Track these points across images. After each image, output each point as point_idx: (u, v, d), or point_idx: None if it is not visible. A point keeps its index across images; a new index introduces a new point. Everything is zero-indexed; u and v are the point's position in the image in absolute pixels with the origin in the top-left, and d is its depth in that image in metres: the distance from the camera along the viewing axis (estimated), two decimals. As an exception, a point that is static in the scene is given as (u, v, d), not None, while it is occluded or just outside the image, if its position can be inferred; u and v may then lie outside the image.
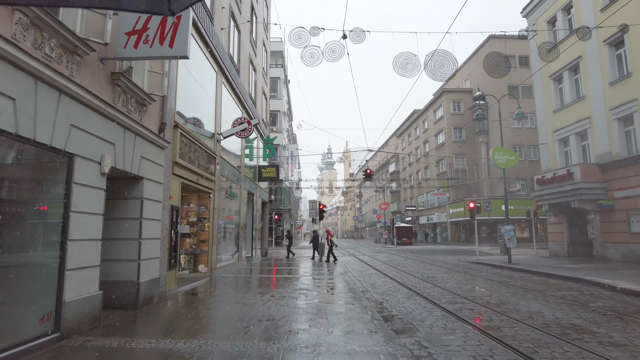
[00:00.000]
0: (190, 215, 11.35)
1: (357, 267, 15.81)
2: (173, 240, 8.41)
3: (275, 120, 37.37)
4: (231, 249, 14.46)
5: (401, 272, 13.33)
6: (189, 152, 9.31)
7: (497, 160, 16.42)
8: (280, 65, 39.48)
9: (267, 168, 19.36)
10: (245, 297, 8.04)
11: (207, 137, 11.39)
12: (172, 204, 8.32)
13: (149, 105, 7.14)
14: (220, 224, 13.07)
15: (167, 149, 8.02)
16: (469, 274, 12.90)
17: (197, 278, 10.49)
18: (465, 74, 45.86)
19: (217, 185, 11.68)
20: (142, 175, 6.88)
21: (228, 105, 13.34)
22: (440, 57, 11.93)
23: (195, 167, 9.73)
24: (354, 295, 8.25)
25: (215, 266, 11.52)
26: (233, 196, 13.87)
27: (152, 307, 6.82)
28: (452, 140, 42.29)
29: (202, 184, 10.29)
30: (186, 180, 9.22)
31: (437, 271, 13.69)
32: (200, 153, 10.13)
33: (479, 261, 17.42)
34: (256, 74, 19.38)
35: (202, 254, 11.23)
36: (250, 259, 17.56)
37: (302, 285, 9.85)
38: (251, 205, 18.13)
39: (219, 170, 12.01)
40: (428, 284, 10.28)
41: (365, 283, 10.67)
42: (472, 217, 19.30)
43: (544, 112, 21.09)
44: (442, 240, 44.82)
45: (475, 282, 10.87)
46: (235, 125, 12.00)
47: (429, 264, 16.84)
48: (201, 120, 11.27)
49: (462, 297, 8.29)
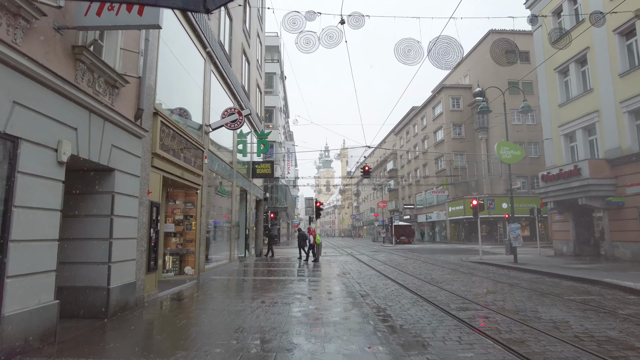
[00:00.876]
0: (177, 213, 10.52)
1: (355, 267, 15.02)
2: (153, 240, 7.58)
3: (270, 116, 36.50)
4: (222, 249, 13.64)
5: (402, 274, 12.55)
6: (172, 144, 8.47)
7: (502, 155, 15.67)
8: (276, 60, 38.60)
9: (261, 164, 18.52)
10: (233, 303, 7.23)
11: (194, 129, 10.56)
12: (151, 200, 7.49)
13: (122, 88, 6.30)
14: (210, 223, 12.25)
15: (145, 139, 7.19)
16: (475, 275, 12.15)
17: (182, 281, 9.67)
18: (464, 69, 45.13)
19: (205, 181, 10.84)
20: (113, 167, 6.05)
21: (218, 96, 12.50)
22: (445, 43, 11.18)
23: (180, 160, 8.90)
24: (354, 300, 7.46)
25: (203, 268, 10.70)
26: (224, 193, 13.04)
27: (125, 317, 5.99)
28: (451, 137, 41.56)
29: (187, 179, 9.46)
30: (169, 174, 8.38)
31: (441, 272, 12.92)
32: (185, 145, 9.30)
33: (483, 261, 16.68)
34: (250, 66, 18.53)
35: (188, 255, 10.40)
36: (243, 259, 16.74)
37: (297, 289, 9.05)
38: (244, 203, 17.30)
39: (208, 165, 11.18)
40: (433, 287, 9.51)
41: (365, 286, 9.88)
42: (475, 214, 18.56)
43: (549, 106, 20.36)
44: (441, 239, 44.14)
45: (484, 284, 10.11)
46: (224, 116, 11.16)
47: (431, 264, 16.08)
48: (188, 111, 10.44)
49: (473, 302, 7.52)
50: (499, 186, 38.08)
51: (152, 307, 6.83)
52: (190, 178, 9.67)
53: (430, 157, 45.52)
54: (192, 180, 9.78)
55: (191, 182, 9.80)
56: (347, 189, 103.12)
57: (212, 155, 11.77)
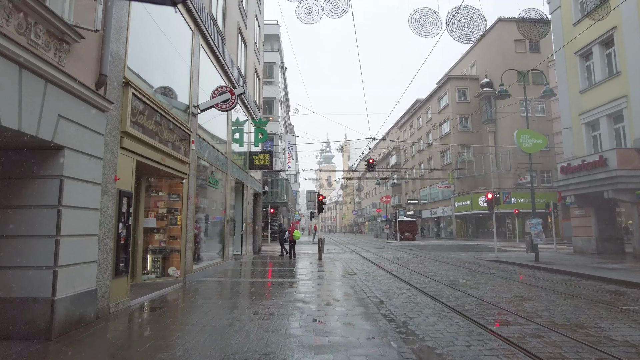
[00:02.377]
0: (160, 206, 9.19)
1: (362, 267, 13.71)
2: (123, 237, 6.25)
3: (270, 107, 35.14)
4: (214, 247, 12.33)
5: (416, 274, 11.23)
6: (149, 123, 7.13)
7: (523, 144, 14.28)
8: (277, 49, 37.16)
9: (259, 155, 17.17)
10: (219, 314, 5.91)
11: (179, 110, 9.21)
12: (120, 189, 6.16)
13: (74, 45, 4.95)
14: (200, 217, 10.93)
15: (110, 113, 5.84)
16: (497, 275, 10.82)
17: (165, 284, 8.36)
18: (471, 60, 43.60)
19: (192, 169, 9.50)
20: (62, 144, 4.71)
21: (209, 75, 11.12)
22: (465, 14, 9.73)
23: (159, 143, 7.55)
24: (366, 310, 6.14)
25: (190, 268, 9.38)
26: (216, 184, 11.70)
27: (78, 335, 4.67)
28: (457, 129, 40.10)
29: (170, 165, 8.12)
30: (144, 159, 7.04)
31: (458, 272, 11.60)
32: (167, 126, 7.95)
33: (500, 259, 15.36)
34: (247, 49, 17.12)
35: (173, 254, 9.08)
36: (239, 257, 15.43)
37: (297, 294, 7.73)
38: (240, 196, 15.97)
39: (196, 152, 9.83)
40: (456, 292, 8.18)
41: (376, 290, 8.56)
42: (491, 209, 17.22)
43: (568, 93, 18.92)
44: (447, 235, 42.83)
45: (513, 288, 8.77)
46: (215, 95, 9.79)
47: (444, 262, 14.75)
48: (172, 89, 9.09)
49: (511, 312, 6.19)
50: (507, 180, 36.69)
51: (117, 321, 5.51)
52: (174, 165, 8.32)
53: (435, 151, 44.11)
54: (175, 167, 8.44)
55: (175, 170, 8.46)
56: (349, 184, 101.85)
57: (202, 141, 10.42)
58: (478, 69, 42.10)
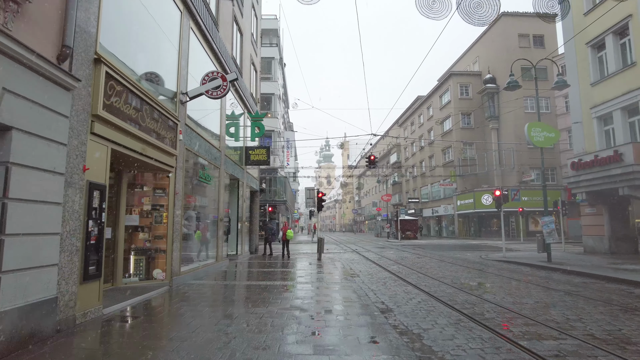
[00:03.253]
0: (145, 202, 8.38)
1: (364, 268, 12.92)
2: (94, 236, 5.44)
3: (269, 104, 34.32)
4: (206, 247, 11.53)
5: (422, 276, 10.44)
6: (127, 108, 6.31)
7: (534, 138, 13.48)
8: (275, 44, 36.33)
9: (255, 150, 16.35)
10: (203, 326, 5.11)
11: (166, 98, 8.40)
12: (90, 180, 5.35)
13: (26, 5, 4.14)
14: (190, 215, 10.13)
15: (78, 93, 5.04)
16: (511, 277, 10.03)
17: (149, 288, 7.56)
18: (473, 56, 42.82)
19: (180, 162, 8.70)
20: (8, 123, 3.90)
21: (200, 61, 10.31)
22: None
23: (140, 132, 6.74)
24: (372, 320, 5.35)
25: (177, 270, 8.58)
26: (208, 180, 10.89)
27: (24, 356, 3.87)
28: (460, 126, 39.30)
29: (153, 157, 7.31)
30: (122, 148, 6.24)
31: (467, 274, 10.82)
32: (150, 113, 7.15)
33: (508, 259, 14.58)
34: (243, 39, 16.31)
35: (158, 254, 8.28)
36: (234, 258, 14.63)
37: (294, 300, 6.94)
38: (236, 193, 15.16)
39: (184, 143, 9.03)
40: (470, 296, 7.39)
41: (381, 295, 7.77)
42: (499, 206, 16.43)
43: (579, 86, 18.12)
44: (449, 234, 42.07)
45: (532, 292, 7.98)
46: (205, 81, 8.97)
47: (450, 262, 13.97)
48: (158, 74, 8.29)
49: (540, 322, 5.39)
50: (511, 178, 35.91)
51: (81, 335, 4.70)
52: (158, 156, 7.52)
53: (437, 148, 43.32)
54: (159, 159, 7.63)
55: (159, 162, 7.65)
56: (349, 183, 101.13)
57: (191, 132, 9.61)
58: (480, 65, 41.29)
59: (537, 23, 37.71)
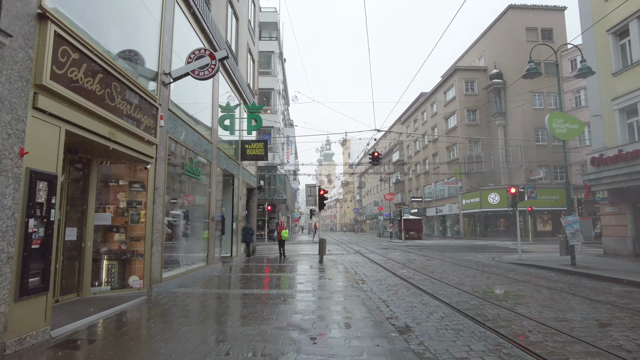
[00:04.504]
0: (120, 198, 7.24)
1: (370, 272, 11.77)
2: (38, 239, 4.30)
3: (268, 99, 33.20)
4: (195, 249, 10.39)
5: (437, 282, 9.29)
6: (89, 82, 5.17)
7: (556, 130, 12.31)
8: (275, 38, 35.21)
9: (252, 144, 15.19)
10: (174, 352, 3.97)
11: (146, 79, 7.26)
12: (32, 168, 4.21)
13: None
14: (176, 213, 9.00)
15: (10, 53, 3.90)
16: (539, 285, 8.87)
17: (122, 298, 6.42)
18: (479, 50, 41.63)
19: (161, 152, 7.55)
20: None
21: (187, 40, 9.16)
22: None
23: (108, 113, 5.60)
24: (390, 344, 4.22)
25: (158, 277, 7.43)
26: (197, 174, 9.74)
27: None
28: (465, 123, 38.13)
29: (126, 144, 6.17)
30: (81, 130, 5.09)
31: (486, 279, 9.67)
32: (121, 92, 6.00)
33: (525, 261, 13.43)
34: (239, 24, 15.15)
35: (135, 259, 7.13)
36: (228, 261, 13.49)
37: (292, 314, 5.79)
38: (230, 190, 14.01)
39: (167, 130, 7.88)
40: (501, 309, 6.24)
41: (395, 307, 6.61)
42: (514, 205, 15.26)
43: (598, 77, 16.90)
44: (453, 234, 40.90)
45: (571, 303, 6.82)
46: (191, 60, 7.82)
47: (463, 266, 12.82)
48: (137, 52, 7.15)
49: (605, 351, 4.24)
50: (518, 176, 34.73)
51: (10, 370, 3.56)
52: (132, 144, 6.37)
53: (441, 146, 42.15)
54: (135, 147, 6.49)
55: (134, 150, 6.51)
56: (350, 182, 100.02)
57: (177, 119, 8.45)
58: (486, 60, 40.11)
59: (545, 16, 36.56)
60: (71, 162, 6.22)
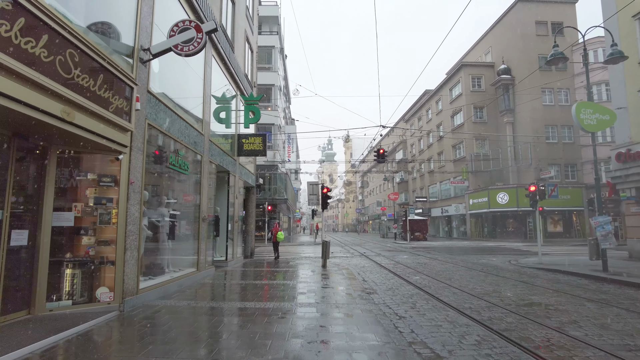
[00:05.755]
0: (89, 194, 6.09)
1: (379, 278, 10.60)
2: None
3: (268, 96, 32.08)
4: (183, 253, 9.25)
5: (458, 291, 8.12)
6: (28, 42, 4.03)
7: (584, 121, 11.13)
8: (275, 32, 34.10)
9: (249, 138, 14.05)
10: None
11: (120, 55, 6.13)
12: None
13: None
14: (160, 212, 7.86)
15: None
16: (579, 296, 7.69)
17: (86, 317, 5.28)
18: (486, 46, 40.39)
19: (138, 141, 6.41)
20: None
21: (170, 11, 8.02)
22: None
23: (59, 86, 4.46)
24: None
25: (134, 288, 6.29)
26: (184, 168, 8.59)
27: None
28: (472, 121, 36.89)
29: (88, 127, 5.04)
30: (19, 105, 3.96)
31: (513, 288, 8.50)
32: (80, 62, 4.86)
33: (548, 266, 12.25)
34: (235, 8, 14.02)
35: (105, 267, 5.99)
36: (223, 265, 12.35)
37: (291, 339, 4.64)
38: (225, 188, 12.87)
39: (146, 116, 6.74)
40: (550, 331, 5.07)
41: (418, 327, 5.43)
42: (534, 204, 14.07)
43: (623, 66, 15.75)
44: (459, 235, 39.68)
45: (629, 321, 5.65)
46: (173, 33, 6.68)
47: (482, 271, 11.64)
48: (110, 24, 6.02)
49: None
50: (527, 175, 33.45)
51: None
52: (97, 128, 5.24)
53: (446, 145, 40.92)
54: (102, 133, 5.35)
55: (101, 136, 5.38)
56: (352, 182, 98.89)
57: (158, 103, 7.31)
58: (493, 56, 38.87)
59: (555, 9, 35.29)
60: (20, 150, 5.09)
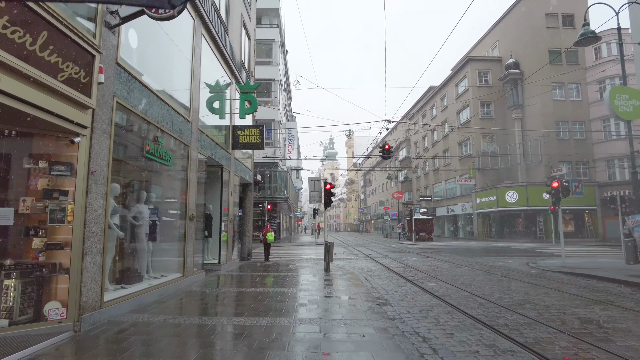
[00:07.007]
0: (40, 186, 4.95)
1: (390, 285, 9.42)
2: None
3: (268, 90, 30.96)
4: (167, 256, 8.11)
5: (485, 302, 6.95)
6: None
7: (619, 108, 9.95)
8: (276, 25, 32.95)
9: (245, 130, 12.91)
10: None
11: (84, 18, 4.99)
12: None
13: None
14: (139, 210, 6.73)
15: None
16: (630, 309, 6.52)
17: (28, 340, 4.14)
18: (493, 40, 39.15)
19: (103, 122, 5.26)
20: None
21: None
22: None
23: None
24: None
25: (96, 301, 5.14)
26: (165, 159, 7.43)
27: None
28: (479, 117, 35.68)
29: (24, 98, 3.89)
30: None
31: (545, 297, 7.33)
32: (8, 10, 3.71)
33: (573, 270, 11.06)
34: (230, -11, 12.87)
35: (58, 277, 4.84)
36: (215, 269, 11.20)
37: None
38: (218, 184, 11.72)
39: (113, 92, 5.58)
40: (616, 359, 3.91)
41: (449, 355, 4.25)
42: (557, 202, 12.91)
43: (649, 52, 14.57)
44: (466, 235, 38.47)
45: None
46: (146, -9, 5.56)
47: (503, 276, 10.47)
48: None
49: None
50: (537, 173, 32.23)
51: None
52: (39, 100, 4.09)
53: (452, 142, 39.71)
54: (46, 107, 4.20)
55: (45, 111, 4.23)
56: (354, 181, 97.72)
57: (132, 80, 6.15)
58: (501, 50, 37.64)
59: (566, 1, 34.02)
60: (-64, 127, 3.95)
